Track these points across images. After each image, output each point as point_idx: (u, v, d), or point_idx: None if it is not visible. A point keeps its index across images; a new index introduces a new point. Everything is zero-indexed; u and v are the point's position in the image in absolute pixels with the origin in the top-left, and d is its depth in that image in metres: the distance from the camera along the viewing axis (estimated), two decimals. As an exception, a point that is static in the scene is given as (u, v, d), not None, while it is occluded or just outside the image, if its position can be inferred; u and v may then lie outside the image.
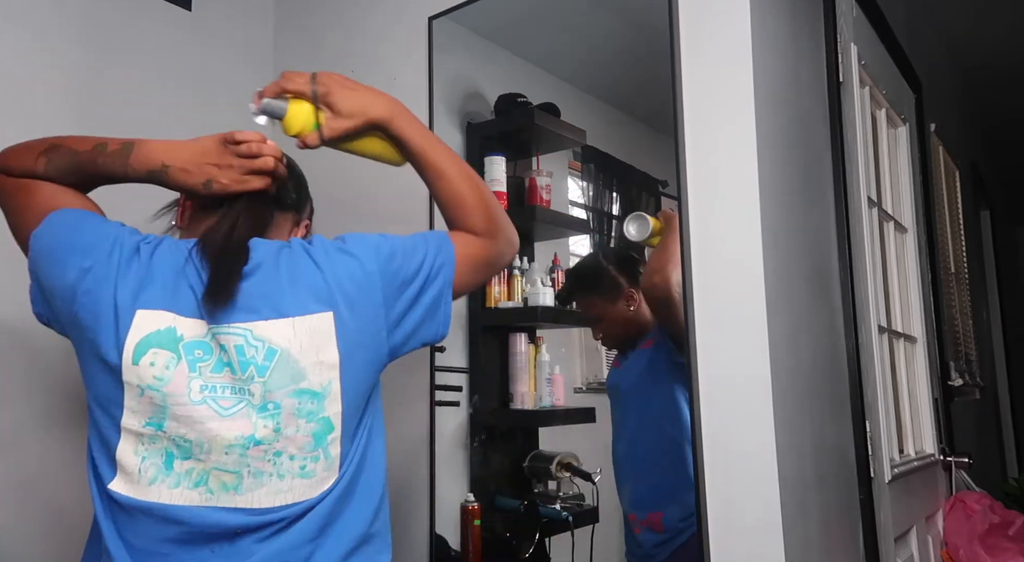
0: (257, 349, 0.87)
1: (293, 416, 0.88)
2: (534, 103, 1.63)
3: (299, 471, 0.88)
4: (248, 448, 0.86)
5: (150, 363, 0.85)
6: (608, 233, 1.68)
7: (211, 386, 0.86)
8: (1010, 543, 1.85)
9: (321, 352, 0.89)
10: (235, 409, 0.86)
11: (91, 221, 0.94)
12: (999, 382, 3.69)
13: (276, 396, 0.87)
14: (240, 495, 0.86)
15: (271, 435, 0.87)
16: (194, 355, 0.87)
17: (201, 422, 0.85)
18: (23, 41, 1.50)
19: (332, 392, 0.89)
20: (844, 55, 1.55)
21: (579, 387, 1.62)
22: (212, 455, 0.85)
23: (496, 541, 1.50)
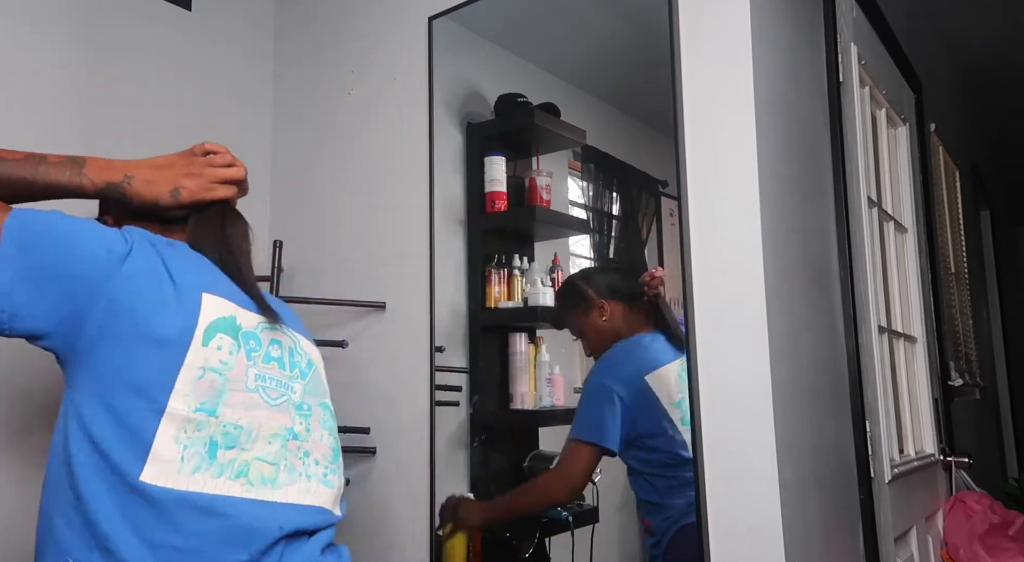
0: (302, 356, 1.00)
1: (320, 423, 0.98)
2: (534, 103, 1.63)
3: (322, 477, 0.96)
4: (288, 440, 0.93)
5: (217, 347, 0.88)
6: (608, 233, 1.68)
7: (263, 376, 0.93)
8: (1010, 543, 1.85)
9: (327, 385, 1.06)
10: (280, 401, 0.94)
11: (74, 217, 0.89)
12: (999, 382, 3.69)
13: (310, 400, 0.98)
14: (276, 489, 0.90)
15: (304, 433, 0.95)
16: (249, 345, 0.92)
17: (253, 409, 0.90)
18: (23, 41, 1.50)
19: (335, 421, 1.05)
20: (844, 55, 1.55)
21: (579, 387, 1.62)
22: (257, 444, 0.89)
23: (496, 541, 1.50)
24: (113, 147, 1.62)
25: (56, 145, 1.53)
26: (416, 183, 1.63)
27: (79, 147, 1.56)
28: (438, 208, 1.59)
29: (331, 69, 1.86)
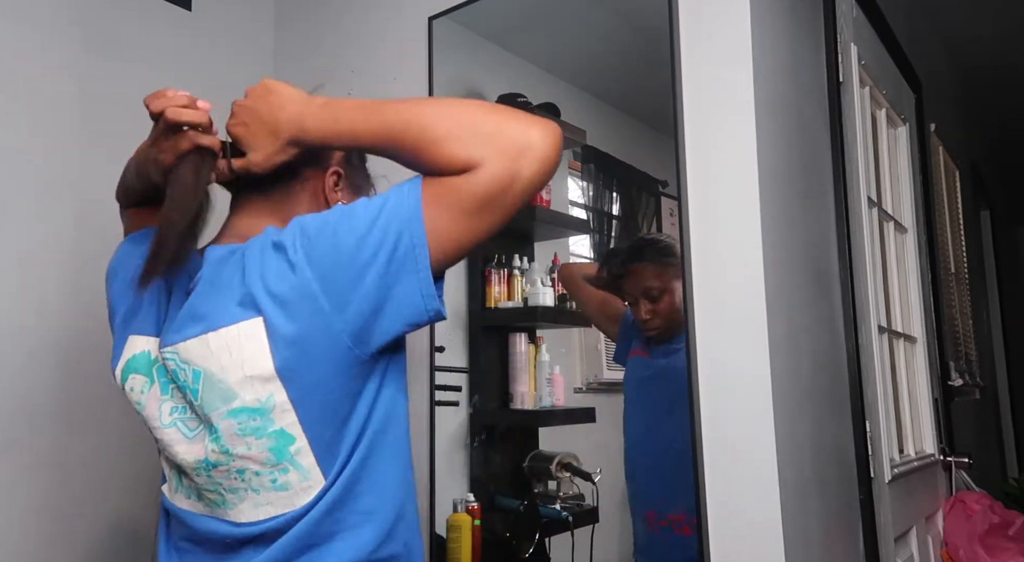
0: (186, 371, 0.79)
1: (237, 436, 0.78)
2: (534, 103, 1.62)
3: (271, 484, 0.80)
4: (209, 470, 0.81)
5: (131, 388, 0.86)
6: (608, 233, 1.68)
7: (181, 408, 0.84)
8: (1010, 543, 1.85)
9: (248, 365, 0.76)
10: (197, 430, 0.83)
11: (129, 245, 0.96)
12: (999, 382, 3.68)
13: (212, 419, 0.79)
14: (230, 510, 0.83)
15: (223, 457, 0.80)
16: (165, 377, 0.84)
17: (171, 446, 0.84)
18: (23, 41, 1.50)
19: (277, 404, 0.77)
20: (844, 55, 1.55)
21: (579, 387, 1.62)
22: (191, 477, 0.85)
23: (496, 541, 1.50)
24: (113, 147, 1.62)
25: (55, 145, 1.54)
26: (416, 183, 1.62)
27: (79, 147, 1.56)
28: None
29: (331, 69, 1.86)
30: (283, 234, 0.78)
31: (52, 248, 1.50)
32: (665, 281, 1.41)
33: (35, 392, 1.46)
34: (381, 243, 0.74)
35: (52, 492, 1.47)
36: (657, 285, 1.42)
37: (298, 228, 0.78)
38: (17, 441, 1.43)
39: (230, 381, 0.77)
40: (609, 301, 1.55)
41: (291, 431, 0.78)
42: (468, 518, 1.49)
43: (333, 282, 0.75)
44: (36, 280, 1.46)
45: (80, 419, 1.52)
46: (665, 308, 1.41)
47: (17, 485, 1.42)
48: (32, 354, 1.47)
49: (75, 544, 1.49)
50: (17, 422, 1.44)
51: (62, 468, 1.49)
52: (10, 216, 1.46)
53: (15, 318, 1.44)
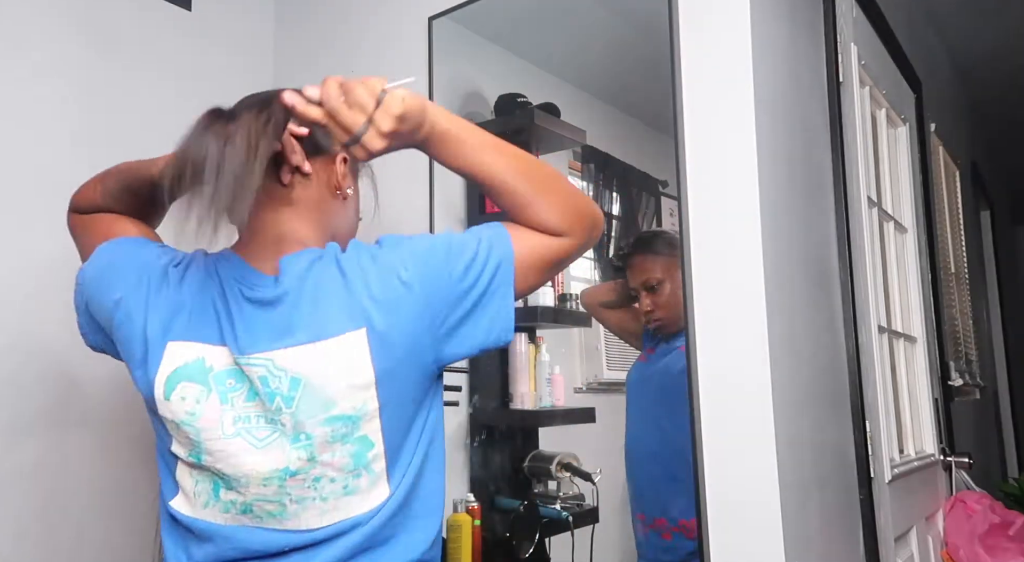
0: (280, 379, 0.81)
1: (328, 443, 0.82)
2: (534, 103, 1.62)
3: (342, 491, 0.83)
4: (285, 480, 0.82)
5: (181, 398, 0.82)
6: (608, 233, 1.68)
7: (245, 417, 0.82)
8: (1010, 543, 1.85)
9: (352, 374, 0.81)
10: (269, 440, 0.82)
11: (126, 248, 0.92)
12: (999, 382, 3.68)
13: (307, 426, 0.81)
14: (288, 520, 0.83)
15: (306, 465, 0.82)
16: (225, 386, 0.83)
17: (236, 456, 0.82)
18: (23, 41, 1.50)
19: (369, 412, 0.82)
20: (844, 55, 1.55)
21: (579, 387, 1.62)
22: (251, 488, 0.82)
23: (496, 541, 1.50)
24: (112, 147, 1.62)
25: (55, 145, 1.54)
26: (416, 183, 1.63)
27: (78, 147, 1.56)
28: (438, 208, 1.59)
29: (331, 69, 1.85)
30: (384, 251, 0.84)
31: (51, 248, 1.49)
32: (663, 272, 1.41)
33: (34, 393, 1.46)
34: (479, 277, 0.84)
35: (50, 494, 1.47)
36: (655, 276, 1.43)
37: (405, 248, 0.84)
38: (17, 442, 1.43)
39: (332, 389, 0.81)
40: (626, 320, 1.56)
41: (372, 437, 0.83)
42: (468, 518, 1.49)
43: (436, 303, 0.83)
44: (35, 280, 1.46)
45: (78, 421, 1.52)
46: (665, 299, 1.41)
47: (16, 487, 1.42)
48: (30, 354, 1.47)
49: (75, 544, 1.49)
50: (17, 422, 1.44)
51: (60, 469, 1.49)
52: (9, 216, 1.46)
53: (15, 318, 1.44)
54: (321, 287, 0.82)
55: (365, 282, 0.82)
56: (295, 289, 0.83)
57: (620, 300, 1.55)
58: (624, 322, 1.56)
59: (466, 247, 0.84)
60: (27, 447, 1.45)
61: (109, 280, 0.89)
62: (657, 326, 1.45)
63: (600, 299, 1.62)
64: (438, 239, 0.86)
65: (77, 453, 1.51)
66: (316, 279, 0.83)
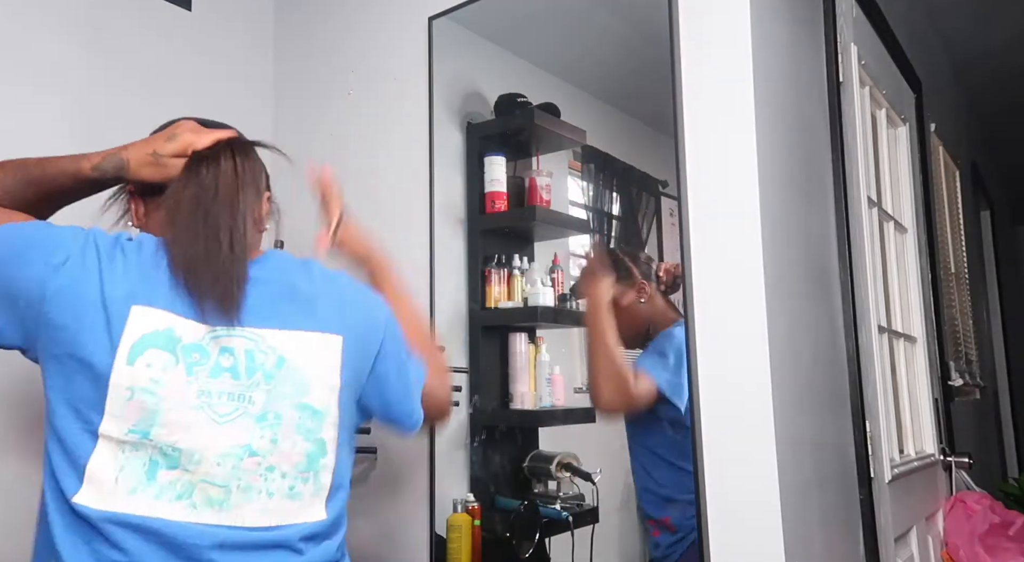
0: (267, 355, 0.85)
1: (293, 430, 0.86)
2: (534, 103, 1.63)
3: (287, 491, 0.85)
4: (242, 459, 0.82)
5: (146, 364, 0.80)
6: (608, 233, 1.68)
7: (207, 391, 0.82)
8: (1010, 543, 1.85)
9: (327, 373, 0.89)
10: (232, 416, 0.83)
11: (43, 224, 0.90)
12: (999, 382, 3.68)
13: (279, 406, 0.85)
14: (226, 511, 0.81)
15: (267, 446, 0.84)
16: (192, 358, 0.82)
17: (195, 428, 0.81)
18: (23, 40, 1.50)
19: (330, 415, 0.90)
20: (844, 55, 1.55)
21: (579, 387, 1.62)
22: (202, 466, 0.81)
23: (496, 541, 1.50)
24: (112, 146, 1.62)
25: (55, 145, 1.53)
26: (416, 183, 1.63)
27: (78, 147, 1.56)
28: (438, 208, 1.60)
29: (331, 69, 1.86)
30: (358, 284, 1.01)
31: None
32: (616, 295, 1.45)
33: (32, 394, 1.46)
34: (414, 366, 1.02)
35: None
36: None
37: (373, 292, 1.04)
38: (16, 442, 1.43)
39: (310, 376, 0.88)
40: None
41: (328, 446, 0.89)
42: (468, 518, 1.49)
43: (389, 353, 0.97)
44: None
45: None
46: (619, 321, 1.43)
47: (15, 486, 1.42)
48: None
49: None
50: (16, 423, 1.44)
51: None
52: (10, 216, 1.46)
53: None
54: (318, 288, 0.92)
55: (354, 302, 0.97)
56: (279, 278, 0.91)
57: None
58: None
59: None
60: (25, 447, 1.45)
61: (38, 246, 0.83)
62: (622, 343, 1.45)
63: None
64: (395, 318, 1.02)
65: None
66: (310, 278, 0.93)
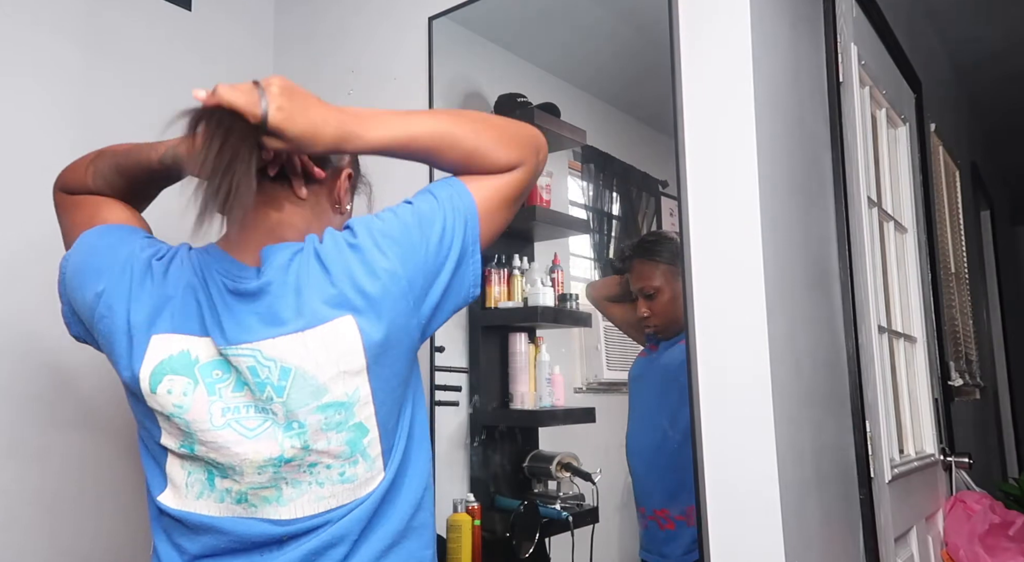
0: (270, 369, 0.81)
1: (321, 431, 0.82)
2: (534, 103, 1.62)
3: (339, 477, 0.84)
4: (280, 467, 0.82)
5: (167, 391, 0.82)
6: (608, 233, 1.68)
7: (234, 408, 0.82)
8: (1010, 543, 1.85)
9: (343, 361, 0.81)
10: (260, 429, 0.82)
11: (111, 238, 0.91)
12: (999, 382, 3.68)
13: (299, 415, 0.81)
14: (283, 506, 0.83)
15: (300, 453, 0.82)
16: (212, 377, 0.83)
17: (227, 447, 0.82)
18: (23, 41, 1.50)
19: (361, 397, 0.83)
20: (844, 55, 1.55)
21: (579, 387, 1.62)
22: (246, 476, 0.82)
23: (496, 541, 1.50)
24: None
25: (55, 145, 1.54)
26: (416, 183, 1.62)
27: (78, 147, 1.56)
28: (438, 208, 1.59)
29: (331, 69, 1.86)
30: (358, 237, 0.84)
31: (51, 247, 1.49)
32: (663, 280, 1.41)
33: (33, 393, 1.46)
34: (452, 242, 0.86)
35: (49, 492, 1.47)
36: (653, 284, 1.43)
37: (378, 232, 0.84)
38: (15, 442, 1.43)
39: (323, 377, 0.81)
40: (631, 314, 1.55)
41: (367, 424, 0.84)
42: (468, 518, 1.49)
43: (418, 279, 0.84)
44: (34, 280, 1.46)
45: (77, 419, 1.52)
46: (662, 307, 1.42)
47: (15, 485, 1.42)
48: (29, 354, 1.47)
49: (74, 544, 1.49)
50: (15, 423, 1.44)
51: (59, 468, 1.49)
52: (9, 216, 1.46)
53: (14, 317, 1.44)
54: (303, 277, 0.82)
55: (347, 271, 0.82)
56: (278, 280, 0.82)
57: (625, 294, 1.55)
58: (629, 315, 1.56)
59: (434, 216, 0.86)
60: (26, 446, 1.45)
61: (91, 271, 0.88)
62: (652, 332, 1.45)
63: (605, 293, 1.62)
64: (406, 214, 0.86)
65: (75, 452, 1.51)
66: (298, 270, 0.83)
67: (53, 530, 1.46)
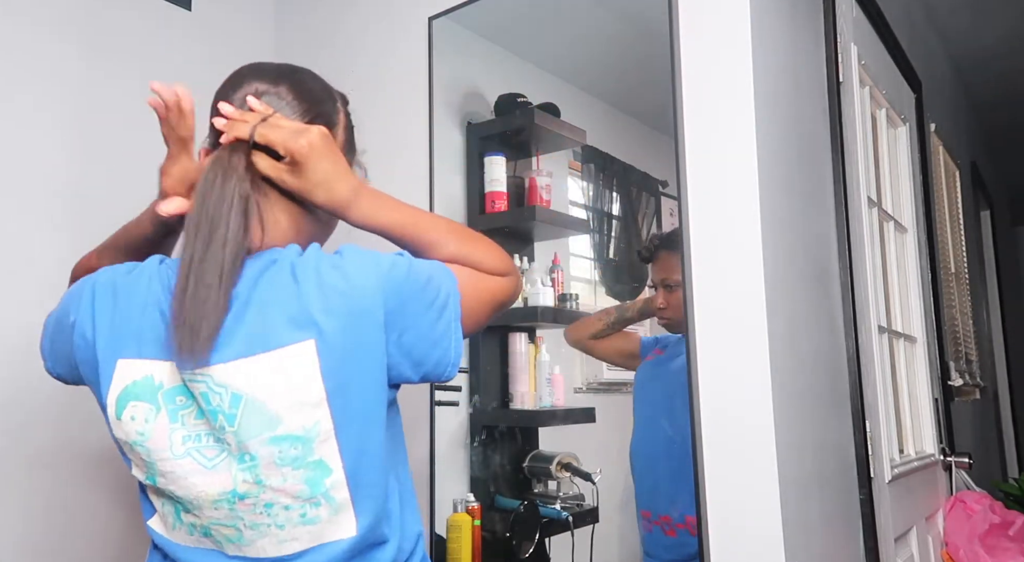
0: (221, 396, 0.75)
1: (275, 465, 0.75)
2: (534, 103, 1.62)
3: (300, 519, 0.77)
4: (234, 503, 0.77)
5: (131, 417, 0.78)
6: (608, 233, 1.68)
7: (196, 436, 0.77)
8: (1010, 543, 1.85)
9: (299, 390, 0.74)
10: (217, 460, 0.77)
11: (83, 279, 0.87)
12: (999, 382, 3.68)
13: (250, 446, 0.74)
14: (246, 546, 0.79)
15: (254, 488, 0.76)
16: (176, 403, 0.77)
17: (184, 477, 0.77)
18: (23, 41, 1.50)
19: (322, 432, 0.75)
20: (844, 55, 1.55)
21: (579, 387, 1.62)
22: (204, 511, 0.78)
23: (496, 541, 1.50)
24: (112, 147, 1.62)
25: (55, 146, 1.54)
26: (416, 183, 1.63)
27: (77, 147, 1.56)
28: (438, 208, 1.59)
29: (331, 69, 1.85)
30: (346, 258, 0.79)
31: (49, 248, 1.50)
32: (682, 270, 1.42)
33: (33, 393, 1.46)
34: (435, 300, 0.80)
35: (49, 493, 1.47)
36: (675, 276, 1.42)
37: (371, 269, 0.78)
38: (15, 442, 1.43)
39: (277, 406, 0.74)
40: (620, 344, 1.56)
41: (330, 462, 0.76)
42: (468, 518, 1.49)
43: (399, 326, 0.78)
44: (33, 280, 1.46)
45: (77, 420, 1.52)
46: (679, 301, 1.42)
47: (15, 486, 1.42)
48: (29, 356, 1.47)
49: (73, 544, 1.49)
50: (15, 423, 1.44)
51: (58, 469, 1.49)
52: (8, 216, 1.46)
53: (15, 319, 1.44)
54: (269, 293, 0.76)
55: (321, 291, 0.75)
56: (242, 297, 0.76)
57: (611, 327, 1.56)
58: (619, 346, 1.57)
59: (430, 282, 0.81)
60: (28, 446, 1.45)
61: (64, 311, 0.85)
62: (666, 323, 1.46)
63: (588, 332, 1.61)
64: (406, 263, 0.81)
65: (76, 453, 1.51)
66: (266, 285, 0.76)
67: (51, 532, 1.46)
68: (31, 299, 1.46)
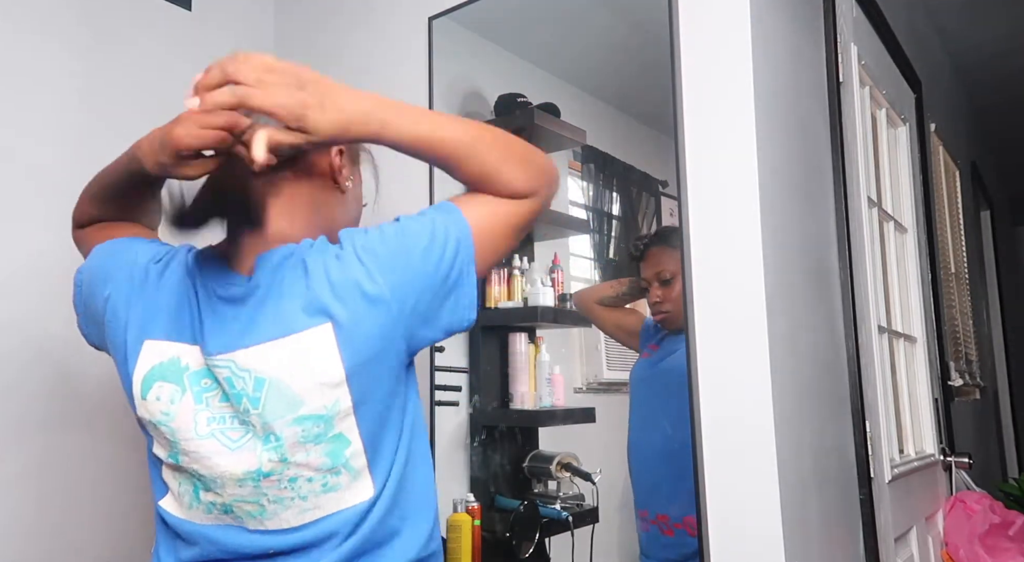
0: (245, 380, 0.79)
1: (299, 444, 0.79)
2: (534, 103, 1.62)
3: (321, 488, 0.81)
4: (259, 481, 0.80)
5: (156, 397, 0.81)
6: (608, 233, 1.68)
7: (220, 417, 0.81)
8: (1010, 543, 1.85)
9: (320, 372, 0.77)
10: (242, 441, 0.80)
11: (115, 248, 0.92)
12: (999, 382, 3.68)
13: (275, 427, 0.78)
14: (268, 519, 0.82)
15: (279, 466, 0.79)
16: (201, 385, 0.81)
17: (208, 457, 0.80)
18: (23, 41, 1.50)
19: (341, 410, 0.79)
20: (844, 55, 1.55)
21: (579, 387, 1.62)
22: (227, 489, 0.81)
23: (496, 541, 1.50)
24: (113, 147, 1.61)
25: (55, 145, 1.54)
26: (416, 183, 1.63)
27: (78, 147, 1.56)
28: (438, 208, 1.59)
29: (331, 69, 1.86)
30: (345, 247, 0.81)
31: (50, 248, 1.49)
32: (679, 267, 1.42)
33: (33, 394, 1.46)
34: (444, 263, 0.81)
35: (49, 493, 1.47)
36: (669, 269, 1.43)
37: (362, 240, 0.81)
38: (15, 443, 1.43)
39: (298, 388, 0.78)
40: (623, 318, 1.56)
41: (348, 435, 0.80)
42: (468, 518, 1.49)
43: (408, 299, 0.80)
44: (36, 280, 1.46)
45: (79, 421, 1.52)
46: (676, 294, 1.42)
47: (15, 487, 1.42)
48: (29, 356, 1.47)
49: (74, 545, 1.49)
50: (16, 423, 1.44)
51: (59, 469, 1.49)
52: (8, 216, 1.46)
53: (16, 318, 1.44)
54: (287, 283, 0.79)
55: (328, 277, 0.78)
56: (264, 285, 0.80)
57: (621, 297, 1.55)
58: (621, 320, 1.56)
59: (433, 241, 0.81)
60: (29, 447, 1.45)
61: (100, 277, 0.89)
62: (662, 319, 1.46)
63: (597, 296, 1.62)
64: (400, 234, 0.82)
65: (78, 453, 1.51)
66: (284, 275, 0.80)
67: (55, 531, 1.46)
68: (34, 298, 1.46)
